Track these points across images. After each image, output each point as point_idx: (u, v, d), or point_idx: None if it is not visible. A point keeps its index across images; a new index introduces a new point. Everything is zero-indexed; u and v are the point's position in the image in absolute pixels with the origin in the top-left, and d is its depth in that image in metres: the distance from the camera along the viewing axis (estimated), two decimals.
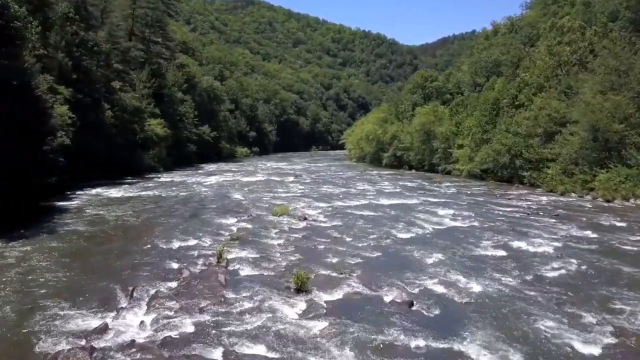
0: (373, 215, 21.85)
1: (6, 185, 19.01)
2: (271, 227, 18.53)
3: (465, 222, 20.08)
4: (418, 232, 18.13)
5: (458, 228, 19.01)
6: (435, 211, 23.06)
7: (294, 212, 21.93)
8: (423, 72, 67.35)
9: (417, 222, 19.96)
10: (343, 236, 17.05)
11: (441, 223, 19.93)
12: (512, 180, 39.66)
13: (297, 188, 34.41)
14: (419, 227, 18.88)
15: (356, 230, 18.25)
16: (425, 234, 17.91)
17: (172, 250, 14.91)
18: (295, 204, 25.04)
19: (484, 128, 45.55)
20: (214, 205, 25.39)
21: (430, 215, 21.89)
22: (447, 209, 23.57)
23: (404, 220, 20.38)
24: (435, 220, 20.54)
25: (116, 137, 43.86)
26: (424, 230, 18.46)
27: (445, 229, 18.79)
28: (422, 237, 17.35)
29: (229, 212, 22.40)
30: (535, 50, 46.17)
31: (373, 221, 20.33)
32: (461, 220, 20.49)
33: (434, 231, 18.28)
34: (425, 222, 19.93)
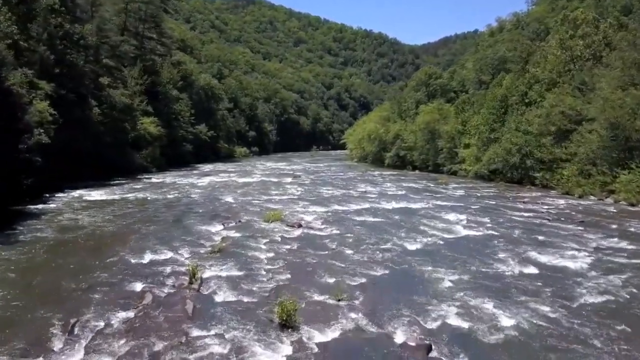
0: (375, 222, 19.61)
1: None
2: (260, 236, 16.29)
3: (479, 230, 17.82)
4: (427, 242, 15.86)
5: (472, 237, 16.75)
6: (445, 217, 20.81)
7: (288, 218, 19.70)
8: (427, 69, 65.10)
9: (426, 230, 17.71)
10: (342, 248, 14.81)
11: (452, 231, 17.67)
12: (523, 181, 37.41)
13: (295, 190, 32.19)
14: (428, 236, 16.62)
15: (357, 239, 16.00)
16: (436, 244, 15.64)
17: (140, 266, 12.69)
18: (290, 208, 22.82)
19: (492, 127, 43.32)
20: (201, 209, 23.17)
21: (439, 221, 19.64)
22: (457, 214, 21.32)
23: (410, 228, 18.13)
24: (445, 227, 18.27)
25: (105, 136, 41.71)
26: (434, 240, 16.19)
27: (458, 239, 16.53)
28: (432, 248, 15.08)
29: (216, 218, 20.17)
30: (546, 45, 43.85)
31: (376, 229, 18.08)
32: (475, 228, 18.23)
33: (446, 241, 16.02)
34: (434, 230, 17.67)
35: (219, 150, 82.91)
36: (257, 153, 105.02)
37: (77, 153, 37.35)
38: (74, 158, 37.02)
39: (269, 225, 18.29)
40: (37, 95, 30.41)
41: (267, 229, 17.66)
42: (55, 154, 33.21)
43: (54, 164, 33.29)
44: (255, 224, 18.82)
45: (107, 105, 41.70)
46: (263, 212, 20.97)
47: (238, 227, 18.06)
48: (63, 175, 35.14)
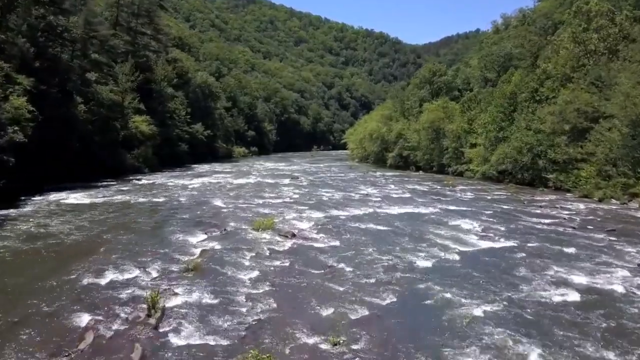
0: (379, 230, 17.38)
1: None
2: (246, 249, 14.09)
3: (497, 241, 15.59)
4: (440, 257, 13.63)
5: (491, 250, 14.52)
6: (457, 224, 18.58)
7: (281, 226, 17.48)
8: (431, 65, 62.80)
9: (436, 241, 15.48)
10: (340, 265, 12.58)
11: (467, 242, 15.45)
12: (534, 183, 35.22)
13: (291, 192, 29.98)
14: (442, 250, 14.38)
15: (358, 254, 13.77)
16: (450, 260, 13.42)
17: (95, 289, 10.50)
18: (284, 214, 20.61)
19: (500, 125, 41.12)
20: (186, 215, 20.98)
21: (451, 230, 17.41)
22: (470, 221, 19.10)
23: (418, 238, 15.91)
24: (458, 237, 16.04)
25: (93, 135, 39.52)
26: (447, 254, 13.96)
27: (474, 253, 14.30)
28: (446, 266, 12.85)
29: (200, 226, 17.96)
30: (557, 39, 41.56)
31: (379, 239, 15.86)
32: (491, 238, 16.00)
33: (461, 256, 13.80)
34: (446, 241, 15.44)
35: (216, 150, 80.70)
36: (257, 153, 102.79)
37: (61, 153, 35.21)
38: (58, 158, 34.83)
39: (258, 235, 16.09)
40: (14, 91, 28.23)
41: (255, 239, 15.46)
42: (35, 153, 31.14)
43: (34, 164, 31.25)
44: (242, 233, 16.61)
45: (95, 102, 39.49)
46: (253, 219, 18.76)
47: (222, 237, 15.84)
48: (46, 177, 33.06)
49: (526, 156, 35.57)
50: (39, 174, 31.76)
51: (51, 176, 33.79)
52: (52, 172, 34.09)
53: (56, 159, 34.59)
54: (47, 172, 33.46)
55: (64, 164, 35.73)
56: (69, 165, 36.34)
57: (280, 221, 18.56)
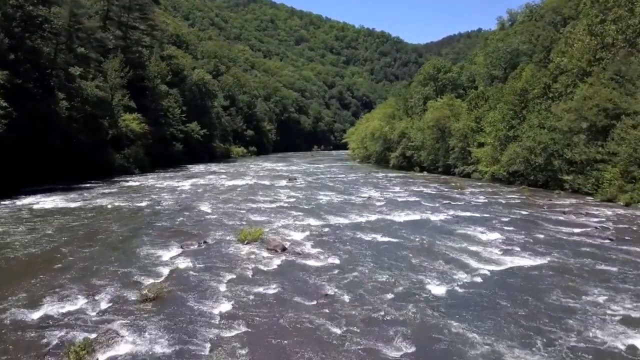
0: (384, 243, 14.96)
1: None
2: (225, 269, 11.68)
3: (526, 258, 13.14)
4: (461, 281, 11.14)
5: (521, 270, 12.05)
6: (472, 234, 16.15)
7: (270, 237, 15.07)
8: (435, 61, 60.32)
9: (453, 258, 13.07)
10: (338, 292, 10.09)
11: (490, 259, 13.01)
12: (549, 185, 32.81)
13: (287, 196, 27.58)
14: (460, 269, 11.93)
15: (360, 276, 11.33)
16: (474, 285, 10.93)
17: (18, 327, 8.10)
18: (276, 222, 18.20)
19: (510, 123, 38.70)
20: (165, 222, 18.59)
21: (467, 242, 14.98)
22: (487, 231, 16.68)
23: (431, 254, 13.48)
24: (478, 252, 13.62)
25: (77, 133, 37.18)
26: (469, 275, 11.49)
27: (501, 273, 11.84)
28: (471, 294, 10.27)
29: (178, 237, 15.56)
30: (572, 31, 39.08)
31: (385, 255, 13.44)
32: (518, 253, 13.57)
33: (486, 278, 11.35)
34: (465, 258, 13.02)
35: (213, 150, 78.44)
36: (255, 153, 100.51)
37: (42, 152, 32.94)
38: (39, 158, 32.61)
39: (243, 249, 13.69)
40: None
41: (237, 255, 13.06)
42: (9, 152, 28.87)
43: (8, 164, 28.94)
44: (224, 245, 14.20)
45: (80, 99, 37.13)
46: (240, 228, 16.36)
47: (200, 252, 13.43)
48: (23, 178, 30.79)
49: (540, 156, 33.16)
50: (15, 175, 29.53)
51: (30, 177, 31.57)
52: (31, 173, 31.85)
53: (36, 158, 32.36)
54: (26, 173, 31.23)
55: (46, 165, 33.50)
56: (51, 166, 34.11)
57: (270, 231, 16.16)
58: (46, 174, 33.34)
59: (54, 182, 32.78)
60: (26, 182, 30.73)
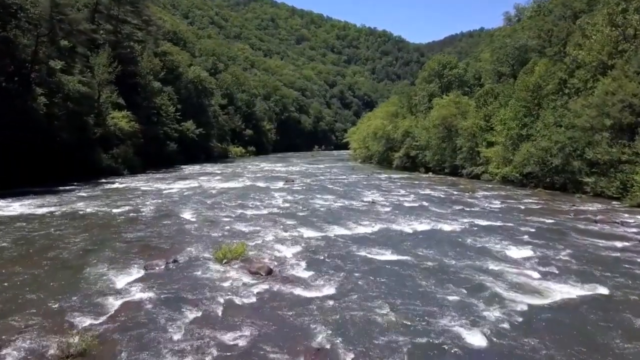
0: (393, 263, 12.33)
1: None
2: (189, 304, 9.07)
3: (576, 286, 10.31)
4: (499, 324, 8.29)
5: (575, 306, 9.19)
6: (499, 250, 13.56)
7: (254, 256, 12.49)
8: (440, 57, 57.72)
9: (482, 284, 10.39)
10: (335, 342, 7.42)
11: (529, 287, 10.30)
12: (567, 188, 30.24)
13: (282, 200, 25.02)
14: (494, 305, 9.10)
15: (365, 317, 8.58)
16: (517, 329, 8.16)
17: None
18: (265, 233, 15.63)
19: (523, 121, 36.13)
20: (138, 232, 16.03)
21: (494, 261, 12.38)
22: (514, 245, 14.11)
23: (453, 280, 10.83)
24: (511, 276, 10.98)
25: (59, 132, 34.69)
26: (509, 315, 8.68)
27: (550, 310, 9.07)
28: (516, 345, 7.56)
29: (144, 253, 13.01)
30: (590, 22, 36.43)
31: (396, 281, 10.78)
32: (563, 278, 10.89)
33: (532, 319, 8.56)
34: (498, 285, 10.31)
35: (210, 149, 75.99)
36: (255, 153, 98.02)
37: (18, 152, 30.46)
38: (13, 158, 30.09)
39: (218, 271, 11.13)
40: None
41: (210, 280, 10.49)
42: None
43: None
44: (197, 266, 11.63)
45: (61, 94, 34.62)
46: (221, 242, 13.80)
47: (165, 275, 10.86)
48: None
49: (557, 157, 30.58)
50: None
51: (3, 180, 29.06)
52: (4, 174, 29.34)
53: (10, 159, 29.86)
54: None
55: (22, 166, 31.00)
56: (28, 167, 31.62)
57: (256, 245, 13.58)
58: (22, 176, 30.82)
59: (32, 184, 30.24)
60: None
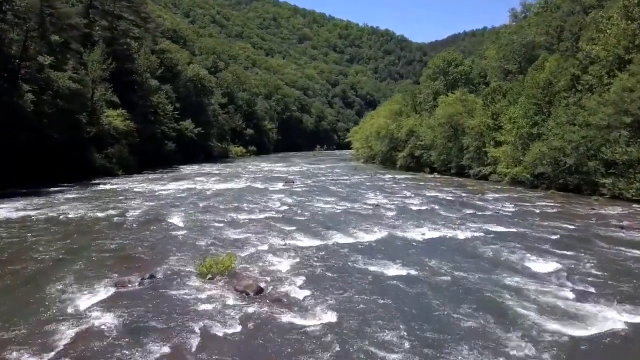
0: (403, 280, 10.70)
1: None
2: (159, 335, 7.51)
3: (627, 313, 8.80)
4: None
5: (630, 337, 7.81)
6: (523, 263, 11.97)
7: (244, 271, 10.93)
8: (445, 54, 56.02)
9: (511, 309, 8.80)
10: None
11: (566, 313, 8.66)
12: (582, 189, 28.62)
13: (281, 203, 23.48)
14: (529, 338, 7.43)
15: (373, 349, 7.12)
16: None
17: None
18: (258, 242, 14.08)
19: (534, 120, 34.49)
20: (118, 240, 14.52)
21: (520, 277, 10.78)
22: (539, 256, 12.53)
23: (476, 301, 9.24)
24: (542, 298, 9.36)
25: (49, 130, 33.25)
26: (552, 349, 7.07)
27: (601, 342, 7.57)
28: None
29: (120, 265, 11.49)
30: (604, 16, 34.76)
31: (408, 304, 9.16)
32: (606, 301, 9.26)
33: (582, 351, 7.12)
34: (529, 311, 8.68)
35: (210, 149, 74.54)
36: (256, 153, 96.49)
37: (4, 152, 29.03)
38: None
39: (201, 289, 9.59)
40: None
41: (190, 302, 8.94)
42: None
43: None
44: (177, 283, 10.08)
45: (51, 92, 33.17)
46: (209, 251, 12.26)
47: (137, 295, 9.32)
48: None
49: (571, 157, 28.96)
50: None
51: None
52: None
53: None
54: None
55: (9, 165, 29.60)
56: (15, 167, 30.21)
57: (247, 257, 12.02)
58: (9, 177, 29.41)
59: (19, 186, 28.86)
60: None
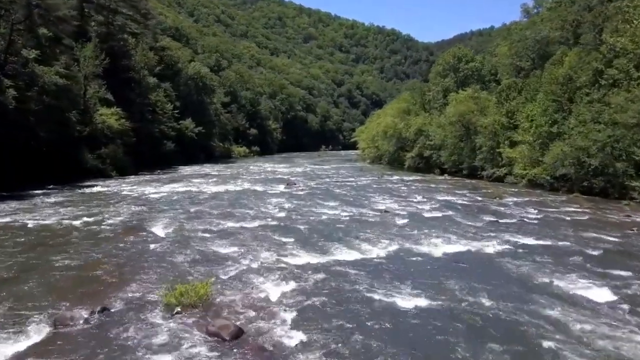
0: (419, 313, 8.44)
1: None
2: None
3: None
4: None
5: None
6: (563, 285, 9.72)
7: (221, 301, 8.70)
8: (456, 50, 53.64)
9: (557, 349, 6.65)
10: None
11: None
12: (608, 192, 26.28)
13: (279, 208, 21.27)
14: None
15: None
16: None
17: None
18: (246, 259, 11.88)
19: (553, 118, 32.12)
20: (84, 254, 12.36)
21: (563, 304, 8.58)
22: (581, 276, 10.28)
23: (512, 339, 7.06)
24: (602, 339, 7.20)
25: (35, 129, 31.24)
26: None
27: None
28: None
29: (71, 292, 9.31)
30: (631, 5, 32.29)
31: (424, 345, 7.00)
32: None
33: None
34: (586, 358, 6.59)
35: (212, 149, 72.54)
36: (259, 153, 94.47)
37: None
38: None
39: (163, 329, 7.39)
40: None
41: (146, 347, 6.75)
42: None
43: None
44: (135, 318, 7.88)
45: (37, 88, 31.15)
46: (184, 272, 10.06)
47: (81, 337, 7.12)
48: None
49: (596, 157, 26.60)
50: None
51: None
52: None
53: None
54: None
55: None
56: None
57: (230, 280, 9.79)
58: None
59: None
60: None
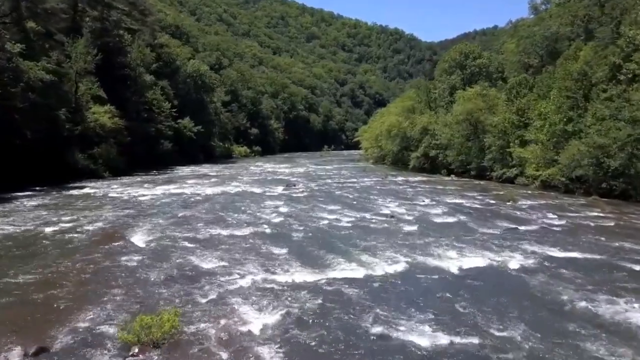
0: (433, 354, 6.80)
1: None
2: None
3: None
4: None
5: None
6: (613, 316, 8.03)
7: (190, 336, 7.02)
8: (462, 46, 51.82)
9: None
10: None
11: None
12: (630, 194, 24.53)
13: (276, 213, 19.55)
14: None
15: None
16: None
17: None
18: (231, 275, 10.18)
19: (568, 115, 30.34)
20: (42, 270, 10.69)
21: (618, 341, 6.88)
22: (628, 302, 8.54)
23: None
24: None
25: (20, 127, 29.65)
26: None
27: None
28: None
29: (12, 323, 7.64)
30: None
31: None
32: None
33: None
34: None
35: (212, 149, 70.86)
36: (260, 153, 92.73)
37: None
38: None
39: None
40: None
41: None
42: None
43: None
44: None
45: (23, 84, 29.56)
46: (157, 293, 8.35)
47: None
48: None
49: (616, 158, 24.83)
50: None
51: None
52: None
53: None
54: None
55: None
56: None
57: (205, 308, 8.08)
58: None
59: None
60: None
